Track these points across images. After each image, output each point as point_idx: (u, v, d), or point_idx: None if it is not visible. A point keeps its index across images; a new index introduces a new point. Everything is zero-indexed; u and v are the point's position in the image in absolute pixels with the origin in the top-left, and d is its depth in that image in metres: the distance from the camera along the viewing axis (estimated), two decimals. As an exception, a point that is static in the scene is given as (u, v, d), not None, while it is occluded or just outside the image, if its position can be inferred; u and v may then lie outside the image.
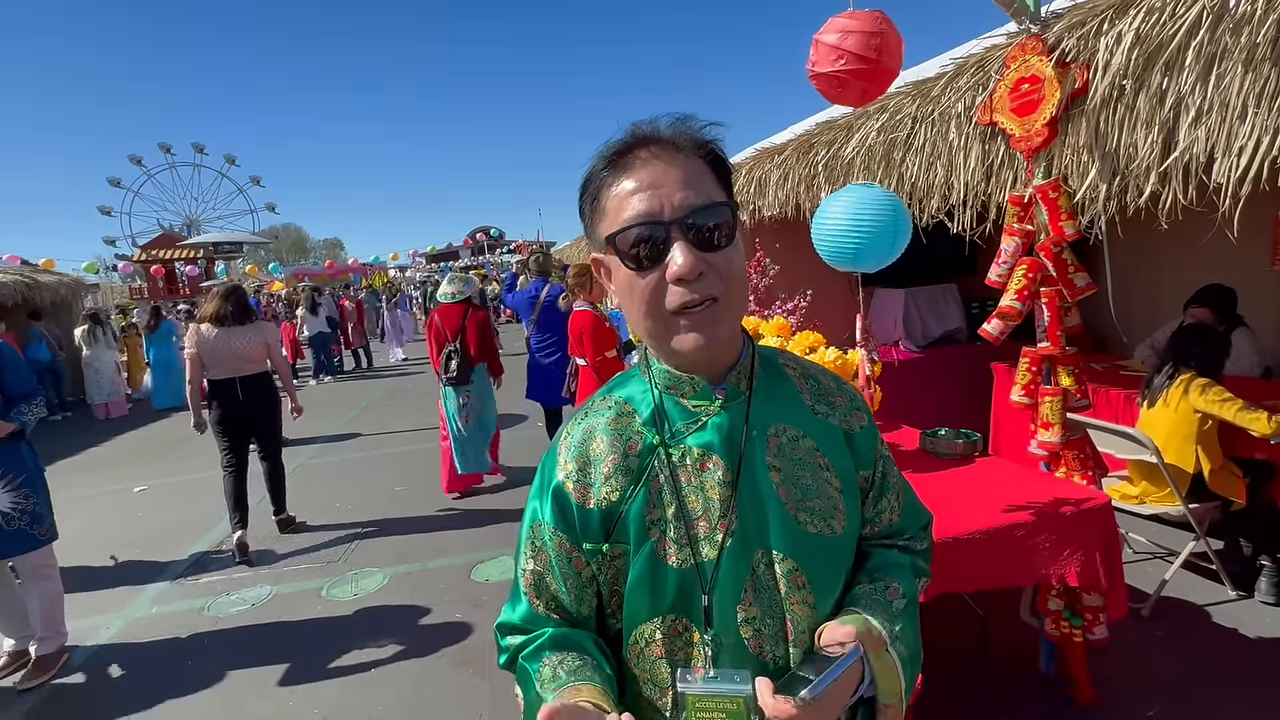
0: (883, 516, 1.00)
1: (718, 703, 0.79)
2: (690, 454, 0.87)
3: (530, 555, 0.93)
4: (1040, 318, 2.50)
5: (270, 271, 25.41)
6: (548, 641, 0.89)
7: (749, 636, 0.85)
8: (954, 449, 2.60)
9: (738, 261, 0.84)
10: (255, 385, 4.47)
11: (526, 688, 0.87)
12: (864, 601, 0.89)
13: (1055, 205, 2.38)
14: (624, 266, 0.82)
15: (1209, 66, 1.91)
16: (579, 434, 0.92)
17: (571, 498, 0.89)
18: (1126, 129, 2.18)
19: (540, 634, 0.91)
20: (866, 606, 0.88)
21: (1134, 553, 3.45)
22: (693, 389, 0.89)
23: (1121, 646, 2.65)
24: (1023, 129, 2.46)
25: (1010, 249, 2.50)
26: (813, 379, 0.99)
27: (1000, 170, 2.72)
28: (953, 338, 5.37)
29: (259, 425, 4.58)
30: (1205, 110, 1.93)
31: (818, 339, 2.70)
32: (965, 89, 2.83)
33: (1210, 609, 2.95)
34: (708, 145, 0.86)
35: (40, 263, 13.03)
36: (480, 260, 31.70)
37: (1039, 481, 2.32)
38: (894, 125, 3.28)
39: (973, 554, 1.99)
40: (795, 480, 0.89)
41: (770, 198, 4.61)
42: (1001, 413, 4.40)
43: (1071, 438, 2.56)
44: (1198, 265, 4.02)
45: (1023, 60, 2.44)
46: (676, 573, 0.85)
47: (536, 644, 0.90)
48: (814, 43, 1.99)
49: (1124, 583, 2.17)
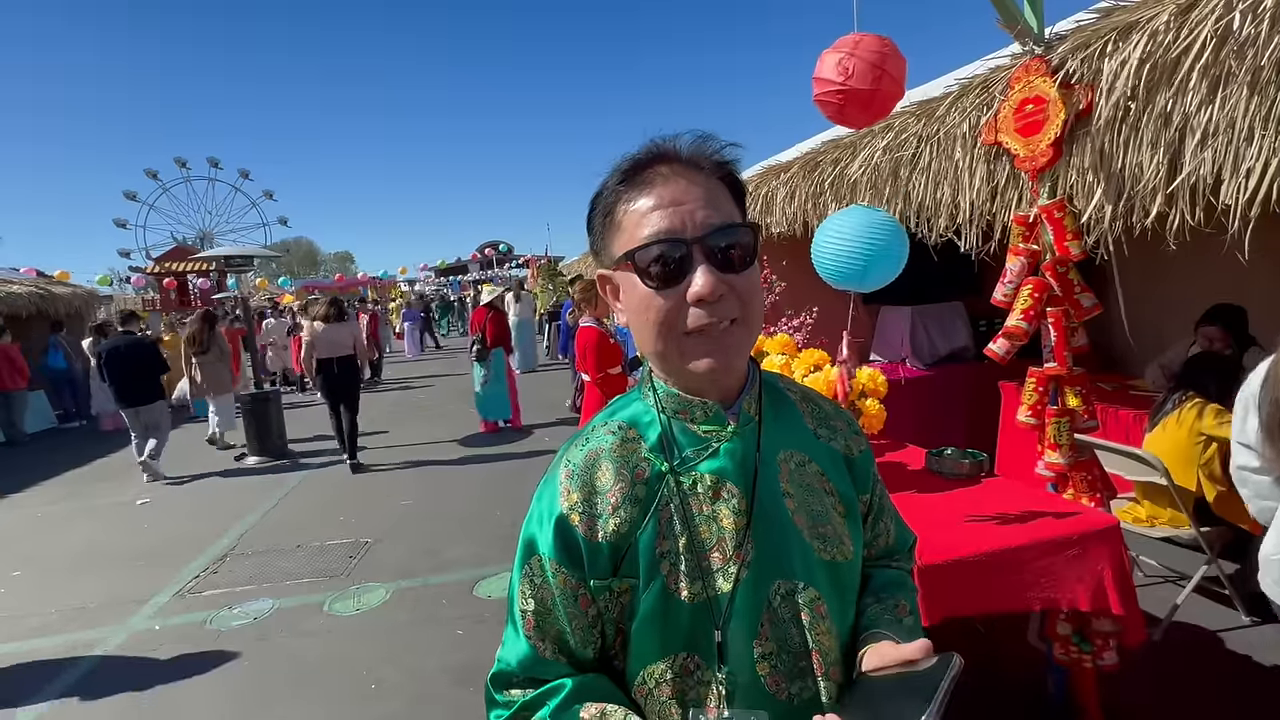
0: (879, 539, 1.00)
1: None
2: (702, 481, 0.83)
3: (529, 593, 0.84)
4: (1046, 338, 2.49)
5: (280, 285, 25.64)
6: (572, 694, 0.81)
7: (765, 674, 0.81)
8: (960, 469, 2.57)
9: (756, 283, 0.83)
10: (345, 363, 6.78)
11: None
12: (880, 622, 0.88)
13: (1060, 225, 2.38)
14: (641, 285, 0.79)
15: (1214, 88, 1.91)
16: (581, 460, 0.86)
17: (578, 531, 0.82)
18: (1132, 150, 2.18)
19: (557, 685, 0.82)
20: (887, 626, 0.87)
21: (1145, 576, 3.40)
22: (704, 414, 0.86)
23: (1133, 672, 2.60)
24: (1027, 149, 2.47)
25: (1015, 269, 2.50)
26: (813, 403, 0.98)
27: (1005, 190, 2.72)
28: (960, 356, 5.34)
29: (346, 390, 6.82)
30: (1211, 132, 1.93)
31: (822, 356, 2.69)
32: (970, 109, 2.84)
33: (1223, 634, 2.90)
34: (726, 166, 0.84)
35: (55, 274, 13.21)
36: (489, 274, 31.91)
37: (1046, 503, 2.29)
38: (900, 144, 3.29)
39: (978, 577, 1.96)
40: (808, 507, 0.87)
41: (777, 215, 4.63)
42: (1009, 433, 4.36)
43: (1079, 459, 2.53)
44: (1207, 285, 4.00)
45: (1027, 81, 2.45)
46: (689, 608, 0.80)
47: (559, 699, 0.81)
48: (818, 64, 2.01)
49: (1139, 608, 2.13)
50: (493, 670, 0.88)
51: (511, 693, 0.85)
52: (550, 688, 0.82)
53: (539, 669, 0.84)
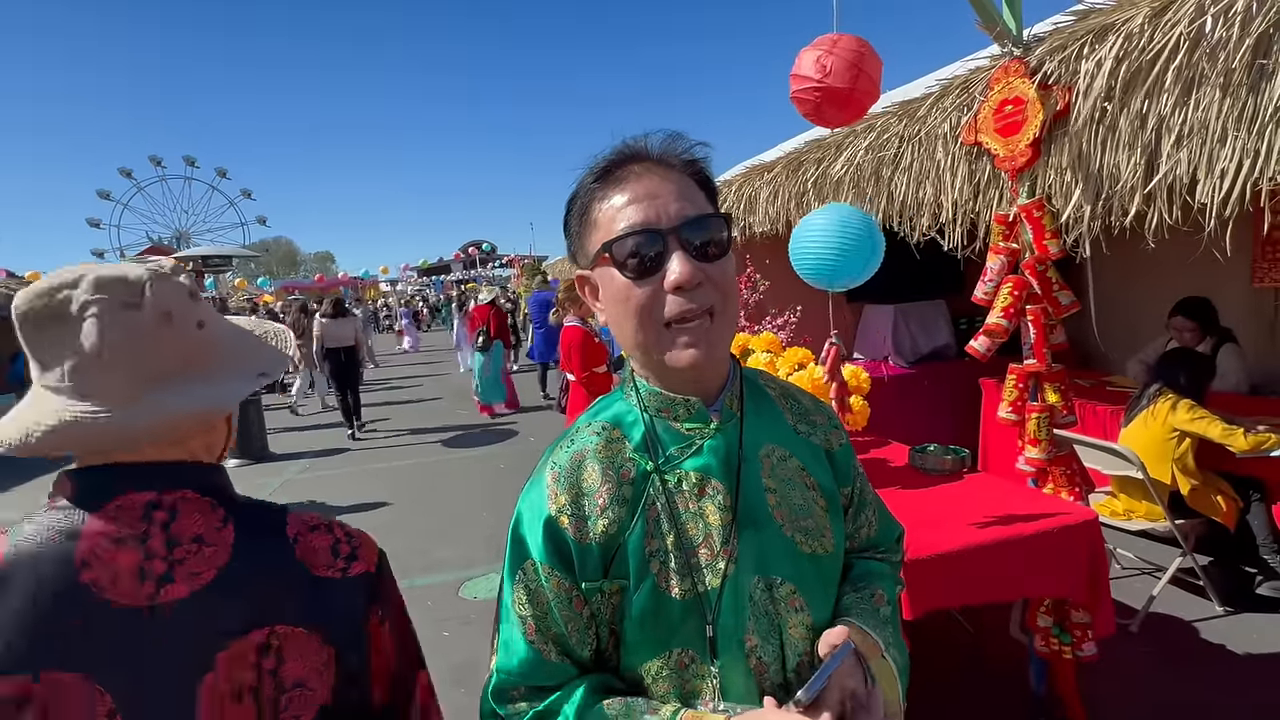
0: (861, 531, 1.02)
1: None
2: (687, 479, 0.85)
3: (525, 599, 0.84)
4: (1026, 335, 2.53)
5: (259, 285, 25.29)
6: (589, 692, 0.81)
7: (754, 666, 0.83)
8: (943, 465, 2.60)
9: (732, 275, 0.85)
10: (349, 352, 8.21)
11: None
12: (854, 610, 0.90)
13: (1040, 224, 2.41)
14: (620, 276, 0.81)
15: (1188, 90, 1.95)
16: (566, 462, 0.86)
17: (567, 533, 0.82)
18: (1109, 150, 2.22)
19: (569, 689, 0.82)
20: (858, 615, 0.89)
21: (1122, 568, 3.46)
22: (687, 411, 0.87)
23: (1111, 663, 2.65)
24: (1007, 149, 2.50)
25: (996, 267, 2.53)
26: (792, 398, 1.00)
27: (987, 189, 2.76)
28: (942, 354, 5.40)
29: (349, 376, 8.32)
30: (1186, 133, 1.97)
31: (806, 355, 2.71)
32: (950, 109, 2.88)
33: (1198, 624, 2.96)
34: (696, 163, 0.87)
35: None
36: (473, 274, 31.70)
37: (1026, 497, 2.33)
38: (882, 144, 3.32)
39: (960, 569, 1.99)
40: (789, 501, 0.88)
41: (760, 214, 4.65)
42: (990, 429, 4.43)
43: (1059, 454, 2.57)
44: (1180, 283, 4.09)
45: (1006, 82, 2.48)
46: (680, 604, 0.82)
47: (579, 699, 0.80)
48: (796, 61, 2.03)
49: (1110, 599, 2.17)
50: (491, 684, 0.86)
51: (518, 706, 0.84)
52: (562, 694, 0.82)
53: (544, 674, 0.83)
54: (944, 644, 2.80)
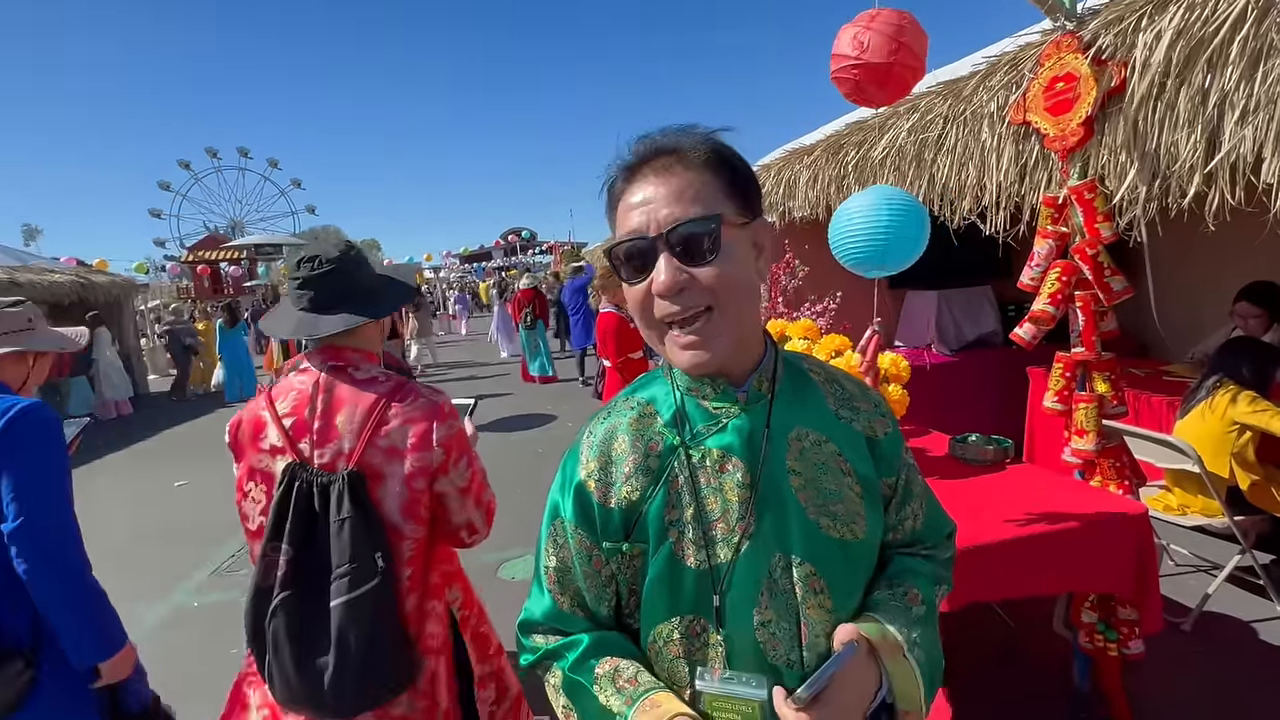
0: (905, 524, 1.00)
1: (733, 704, 0.81)
2: (710, 455, 0.88)
3: (552, 551, 0.94)
4: (1075, 322, 2.44)
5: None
6: (590, 648, 0.90)
7: (764, 640, 0.85)
8: (983, 455, 2.54)
9: (733, 270, 0.83)
10: None
11: (582, 698, 0.88)
12: (882, 607, 0.90)
13: (1091, 207, 2.31)
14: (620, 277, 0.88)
15: (1254, 62, 1.83)
16: (601, 433, 0.94)
17: (593, 496, 0.90)
18: (1167, 128, 2.11)
19: (576, 640, 0.91)
20: (884, 612, 0.89)
21: (1175, 565, 3.34)
22: (714, 391, 0.90)
23: (1160, 663, 2.56)
24: (1057, 128, 2.40)
25: (1043, 252, 2.44)
26: (837, 384, 0.99)
27: (1034, 171, 2.66)
28: (987, 341, 5.25)
29: None
30: (1252, 108, 1.86)
31: (844, 342, 2.67)
32: (998, 88, 2.77)
33: (1256, 625, 2.84)
34: (713, 153, 0.85)
35: (94, 263, 13.57)
36: (513, 261, 32.05)
37: (1070, 489, 2.26)
38: (925, 125, 3.23)
39: (999, 561, 1.95)
40: (817, 484, 0.88)
41: (800, 199, 4.58)
42: (1036, 419, 4.29)
43: (1108, 445, 2.48)
44: (1246, 267, 3.87)
45: (1057, 58, 2.38)
46: (694, 573, 0.86)
47: (578, 652, 0.90)
48: (836, 39, 1.98)
49: (1159, 596, 2.09)
50: (520, 618, 0.99)
51: (536, 638, 0.96)
52: (569, 641, 0.92)
53: (559, 621, 0.94)
54: (983, 639, 2.75)
